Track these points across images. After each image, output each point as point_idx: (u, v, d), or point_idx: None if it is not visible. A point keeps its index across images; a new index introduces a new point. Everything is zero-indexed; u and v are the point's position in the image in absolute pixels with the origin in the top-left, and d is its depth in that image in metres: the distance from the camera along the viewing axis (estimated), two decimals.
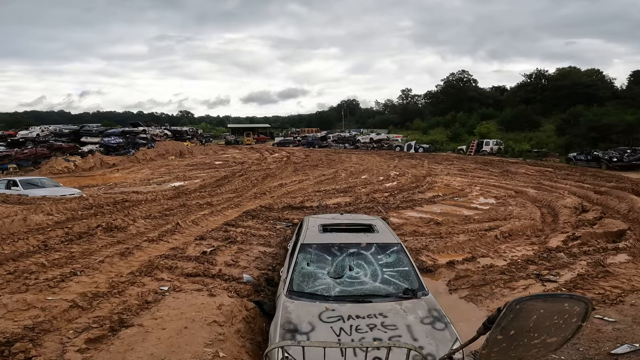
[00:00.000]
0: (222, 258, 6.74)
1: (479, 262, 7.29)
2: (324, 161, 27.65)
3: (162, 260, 6.31)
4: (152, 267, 5.94)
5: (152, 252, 6.82)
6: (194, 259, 6.59)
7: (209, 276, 5.78)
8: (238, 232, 8.56)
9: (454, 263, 7.19)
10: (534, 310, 1.38)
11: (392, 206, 12.38)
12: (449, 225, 10.10)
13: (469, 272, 6.77)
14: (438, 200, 13.40)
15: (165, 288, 5.19)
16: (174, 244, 7.40)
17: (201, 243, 7.58)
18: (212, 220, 9.56)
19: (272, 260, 6.89)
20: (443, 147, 38.84)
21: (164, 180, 19.15)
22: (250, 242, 7.83)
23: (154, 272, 5.80)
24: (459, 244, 8.23)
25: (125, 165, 27.25)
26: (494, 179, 19.05)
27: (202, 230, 8.64)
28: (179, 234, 8.20)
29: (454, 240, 8.50)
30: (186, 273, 5.83)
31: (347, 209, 11.83)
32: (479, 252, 7.92)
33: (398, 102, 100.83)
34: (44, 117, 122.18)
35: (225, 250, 7.16)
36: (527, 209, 11.86)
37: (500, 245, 8.39)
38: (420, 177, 19.22)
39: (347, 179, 18.60)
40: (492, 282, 6.30)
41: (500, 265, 6.98)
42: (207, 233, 8.32)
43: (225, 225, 9.07)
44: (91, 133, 34.00)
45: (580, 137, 31.52)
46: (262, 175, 19.55)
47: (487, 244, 8.35)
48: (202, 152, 39.82)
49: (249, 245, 7.58)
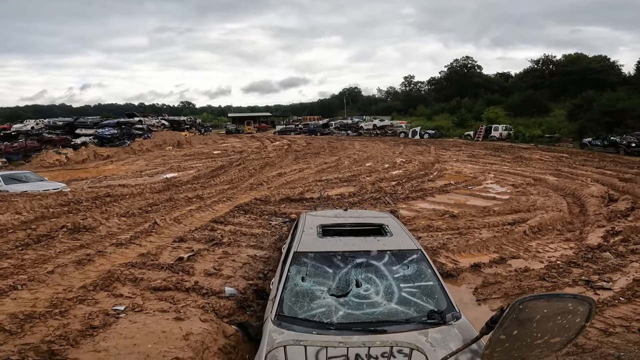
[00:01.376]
0: (202, 265, 5.64)
1: (510, 264, 6.17)
2: (326, 149, 26.46)
3: (127, 269, 5.22)
4: (112, 279, 4.87)
5: (117, 259, 5.73)
6: (166, 267, 5.49)
7: (182, 290, 4.70)
8: (226, 231, 7.45)
9: (479, 266, 6.07)
10: (537, 310, 1.30)
11: (400, 197, 11.25)
12: (466, 219, 8.98)
13: (499, 277, 5.66)
14: (450, 189, 12.24)
15: (122, 308, 4.12)
16: (146, 248, 6.30)
17: (180, 246, 6.48)
18: (198, 217, 8.45)
19: (263, 266, 5.80)
20: (449, 133, 37.45)
21: (157, 171, 18.06)
22: (239, 243, 6.72)
23: (112, 285, 4.74)
24: (483, 242, 7.10)
25: (120, 156, 26.18)
26: (508, 165, 17.84)
27: (184, 229, 7.53)
28: (156, 235, 7.10)
29: (476, 237, 7.36)
30: (153, 287, 4.74)
31: (352, 200, 10.72)
32: (507, 251, 6.79)
33: (401, 89, 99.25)
34: (45, 110, 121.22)
35: (207, 256, 6.05)
36: (552, 199, 10.71)
37: (531, 242, 7.27)
38: (429, 164, 18.04)
39: (350, 167, 17.45)
40: (531, 290, 5.19)
41: (537, 269, 5.85)
42: (188, 233, 7.20)
43: (212, 223, 7.96)
44: (85, 125, 32.89)
45: (594, 122, 30.25)
46: (261, 164, 18.43)
47: (516, 241, 7.22)
48: (201, 142, 38.66)
49: (237, 248, 6.47)
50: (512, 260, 6.31)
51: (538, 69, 60.53)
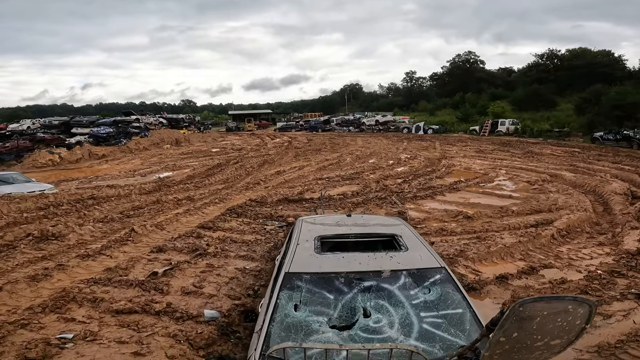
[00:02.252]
0: (180, 282, 4.83)
1: (542, 274, 5.34)
2: (328, 145, 25.61)
3: (88, 287, 4.42)
4: (67, 299, 4.08)
5: (79, 274, 4.93)
6: (136, 284, 4.68)
7: (151, 313, 3.90)
8: (214, 238, 6.62)
9: (506, 277, 5.24)
10: (537, 312, 1.26)
11: (408, 196, 10.41)
12: (482, 220, 8.15)
13: (531, 290, 4.83)
14: (461, 187, 11.40)
15: (70, 336, 3.33)
16: (117, 261, 5.48)
17: (157, 258, 5.66)
18: (185, 222, 7.62)
19: (254, 281, 4.98)
20: (454, 128, 36.52)
21: (151, 170, 17.26)
22: (226, 253, 5.89)
23: (66, 306, 3.95)
24: (506, 248, 6.27)
25: (115, 155, 25.39)
26: (518, 160, 16.97)
27: (165, 237, 6.70)
28: (132, 244, 6.29)
29: (498, 242, 6.53)
30: (116, 309, 3.94)
31: (355, 200, 9.90)
32: (535, 258, 5.96)
33: (402, 85, 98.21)
34: (47, 110, 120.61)
35: (188, 269, 5.24)
36: (574, 197, 9.86)
37: (560, 247, 6.43)
38: (435, 160, 17.19)
39: (353, 163, 16.61)
40: None
41: (575, 280, 5.03)
42: (170, 242, 6.37)
43: (200, 229, 7.13)
44: (81, 124, 32.14)
45: (603, 116, 29.39)
46: (259, 162, 17.61)
47: (543, 247, 6.39)
48: (200, 140, 37.84)
49: (224, 259, 5.65)
50: (544, 270, 5.47)
51: (542, 64, 59.54)
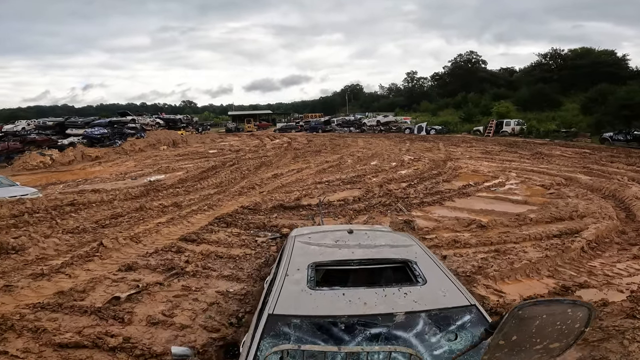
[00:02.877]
0: (148, 308, 4.07)
1: (579, 295, 4.55)
2: (328, 146, 24.83)
3: (33, 313, 3.68)
4: (4, 327, 3.34)
5: (27, 297, 4.16)
6: (92, 311, 3.91)
7: (104, 349, 3.16)
8: (196, 253, 5.84)
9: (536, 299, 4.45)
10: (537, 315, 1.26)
11: (414, 202, 9.63)
12: (499, 229, 7.37)
13: None
14: (471, 192, 10.61)
15: None
16: (76, 281, 4.70)
17: (124, 278, 4.88)
18: (166, 233, 6.84)
19: (238, 307, 4.21)
20: (457, 129, 35.73)
21: (143, 173, 16.49)
22: (208, 272, 5.10)
23: (2, 335, 3.19)
24: (532, 264, 5.48)
25: (109, 157, 24.65)
26: (528, 162, 16.18)
27: (140, 252, 5.92)
28: (99, 260, 5.51)
29: (521, 257, 5.75)
30: (60, 342, 3.19)
31: (356, 207, 9.11)
32: (565, 275, 5.18)
33: (403, 85, 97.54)
34: (47, 111, 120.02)
35: (159, 293, 4.46)
36: (594, 203, 9.07)
37: (592, 262, 5.65)
38: (440, 162, 16.40)
39: (354, 166, 15.82)
40: (621, 332, 3.58)
41: (618, 301, 4.24)
42: (143, 258, 5.59)
43: (181, 242, 6.35)
44: (76, 125, 31.37)
45: (611, 115, 28.61)
46: (256, 164, 16.83)
47: (573, 262, 5.61)
48: (199, 141, 37.11)
49: (205, 280, 4.87)
50: (580, 291, 4.69)
51: (545, 63, 58.79)
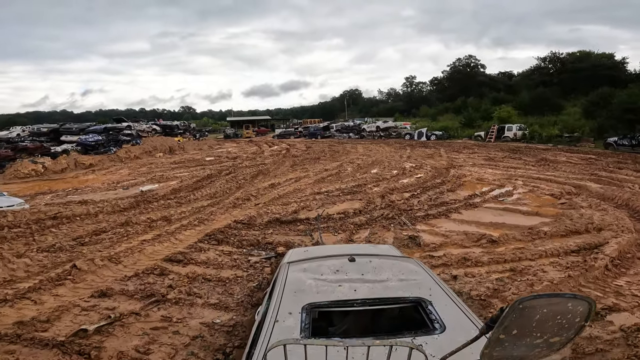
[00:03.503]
0: (119, 343, 3.52)
1: (610, 321, 4.02)
2: (327, 153, 24.31)
3: None
4: None
5: None
6: (55, 344, 3.36)
7: None
8: (181, 275, 5.27)
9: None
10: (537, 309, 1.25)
11: (418, 214, 9.08)
12: (511, 245, 6.83)
13: (598, 342, 3.56)
14: (478, 203, 10.07)
15: None
16: (41, 308, 4.14)
17: (96, 306, 4.31)
18: (149, 253, 6.27)
19: (225, 341, 3.66)
20: (457, 134, 35.25)
21: (136, 182, 15.94)
22: (193, 299, 4.54)
23: None
24: (553, 285, 4.94)
25: (104, 165, 24.10)
26: (533, 169, 15.67)
27: (117, 274, 5.34)
28: (71, 284, 4.94)
29: (540, 277, 5.21)
30: None
31: (357, 221, 8.57)
32: (591, 297, 4.63)
33: (402, 90, 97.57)
34: (46, 117, 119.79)
35: (134, 325, 3.89)
36: (609, 214, 8.54)
37: (617, 280, 5.11)
38: (442, 169, 15.89)
39: (354, 174, 15.29)
40: None
41: None
42: (120, 282, 5.02)
43: (166, 263, 5.78)
44: (71, 131, 30.89)
45: (615, 119, 28.19)
46: (253, 172, 16.30)
47: (597, 281, 5.08)
48: (196, 148, 36.62)
49: (189, 309, 4.31)
50: (611, 315, 4.15)
51: (545, 67, 58.59)
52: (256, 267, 5.79)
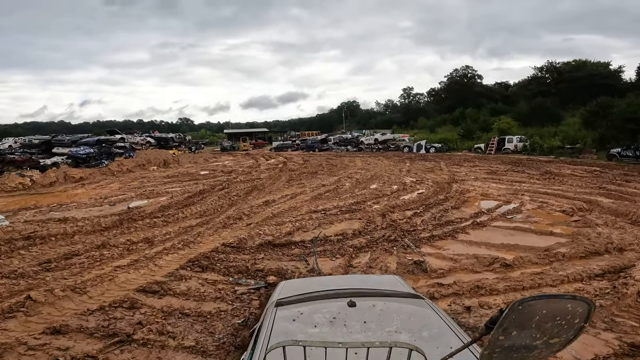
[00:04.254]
0: None
1: None
2: (325, 167, 23.70)
3: None
4: None
5: None
6: None
7: None
8: (155, 309, 4.56)
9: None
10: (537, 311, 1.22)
11: (422, 235, 8.43)
12: (529, 269, 6.18)
13: None
14: (486, 221, 9.42)
15: None
16: None
17: (46, 345, 3.62)
18: (121, 282, 5.52)
19: None
20: (457, 146, 34.76)
21: (125, 198, 15.25)
22: (165, 339, 3.83)
23: None
24: None
25: (94, 178, 23.43)
26: (539, 183, 15.07)
27: (79, 307, 4.60)
28: (23, 317, 4.22)
29: None
30: None
31: (357, 243, 7.90)
32: (626, 327, 4.01)
33: (399, 101, 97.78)
34: (43, 127, 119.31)
35: None
36: (628, 232, 7.92)
37: None
38: (444, 184, 15.27)
39: (352, 190, 14.64)
40: None
41: None
42: (80, 316, 4.30)
43: (138, 294, 5.08)
44: (63, 143, 30.20)
45: (616, 129, 27.77)
46: (247, 188, 15.64)
47: (631, 309, 4.43)
48: (191, 161, 36.02)
49: (158, 352, 3.61)
50: None
51: (542, 77, 58.60)
52: (243, 300, 5.10)
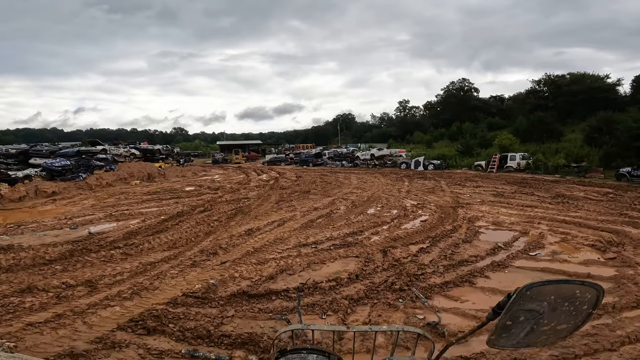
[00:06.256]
0: None
1: None
2: (318, 185, 22.17)
3: None
4: None
5: None
6: None
7: None
8: None
9: None
10: (545, 296, 1.18)
11: (432, 280, 6.90)
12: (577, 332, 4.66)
13: None
14: (506, 260, 7.90)
15: None
16: None
17: None
18: (23, 349, 4.02)
19: None
20: (456, 163, 33.42)
21: (93, 218, 13.60)
22: None
23: None
24: None
25: (69, 193, 21.69)
26: (553, 208, 13.65)
27: None
28: None
29: None
30: None
31: (353, 292, 6.36)
32: None
33: (395, 114, 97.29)
34: (36, 134, 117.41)
35: None
36: None
37: None
38: (449, 209, 13.81)
39: (347, 215, 13.10)
40: None
41: None
42: None
43: None
44: (41, 154, 28.44)
45: (621, 147, 26.63)
46: (232, 210, 14.06)
47: None
48: (179, 174, 34.36)
49: None
50: None
51: (540, 90, 57.94)
52: None
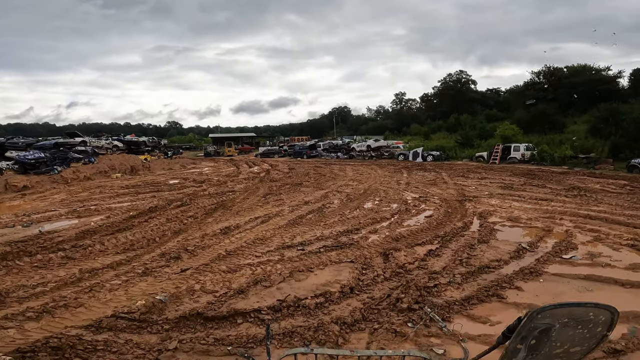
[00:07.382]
0: None
1: None
2: (311, 177, 20.61)
3: None
4: None
5: None
6: None
7: None
8: None
9: None
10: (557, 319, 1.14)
11: (448, 294, 5.41)
12: None
13: None
14: (537, 265, 6.40)
15: None
16: None
17: None
18: None
19: None
20: (456, 155, 32.00)
21: (53, 215, 11.98)
22: None
23: None
24: None
25: (41, 187, 20.03)
26: (570, 202, 12.20)
27: None
28: None
29: None
30: None
31: (347, 311, 4.84)
32: None
33: (391, 107, 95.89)
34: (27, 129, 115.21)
35: None
36: None
37: None
38: (455, 202, 12.33)
39: (342, 210, 11.56)
40: None
41: None
42: None
43: None
44: (17, 146, 26.65)
45: (630, 138, 25.42)
46: (213, 205, 12.49)
47: None
48: (165, 167, 32.64)
49: None
50: None
51: (539, 82, 56.57)
52: None
